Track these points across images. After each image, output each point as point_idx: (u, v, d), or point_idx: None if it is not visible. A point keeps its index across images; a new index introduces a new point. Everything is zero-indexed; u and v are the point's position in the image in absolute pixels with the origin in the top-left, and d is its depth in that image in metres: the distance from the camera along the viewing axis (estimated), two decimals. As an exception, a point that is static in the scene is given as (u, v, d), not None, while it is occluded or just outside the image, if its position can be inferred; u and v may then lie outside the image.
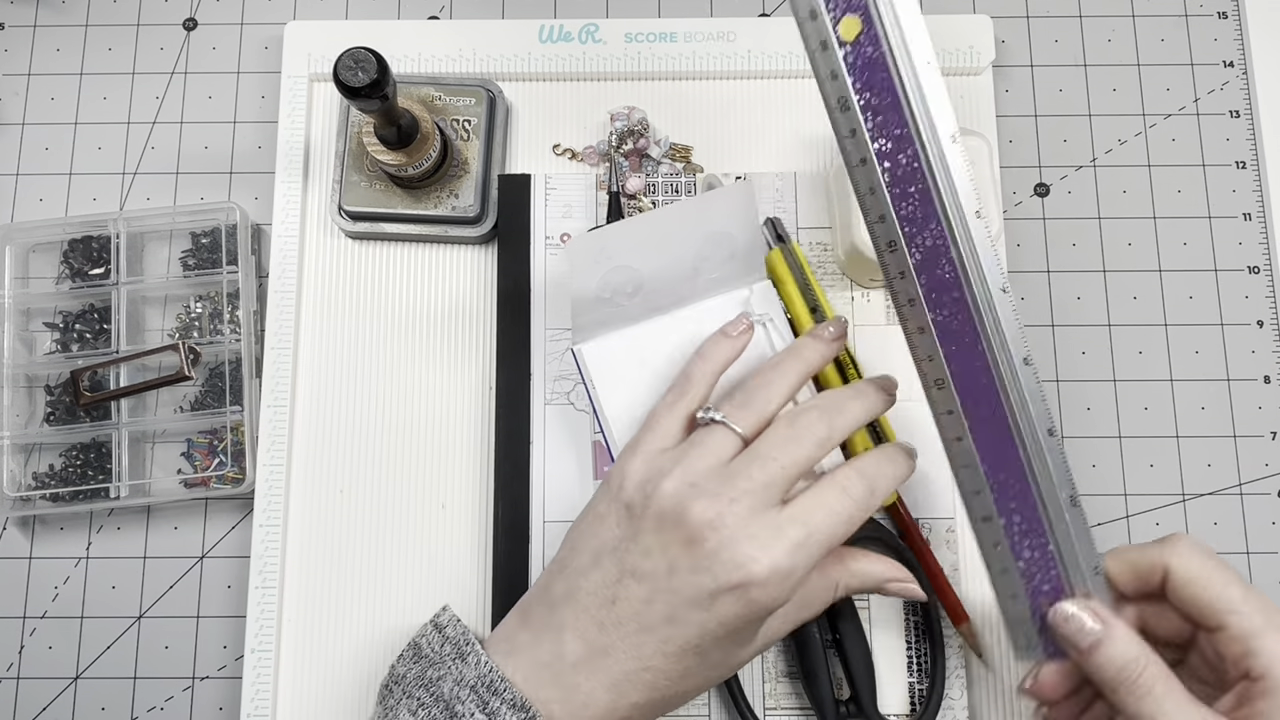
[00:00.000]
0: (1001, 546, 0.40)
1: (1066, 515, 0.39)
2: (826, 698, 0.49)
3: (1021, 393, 0.39)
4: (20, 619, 0.54)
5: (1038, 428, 0.39)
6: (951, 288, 0.39)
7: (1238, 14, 0.61)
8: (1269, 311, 0.57)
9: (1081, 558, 0.39)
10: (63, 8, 0.62)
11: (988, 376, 0.39)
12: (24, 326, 0.57)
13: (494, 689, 0.37)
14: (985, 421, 0.39)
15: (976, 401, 0.39)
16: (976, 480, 0.40)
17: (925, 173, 0.38)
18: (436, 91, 0.56)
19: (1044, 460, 0.39)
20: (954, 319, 0.39)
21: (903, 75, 0.38)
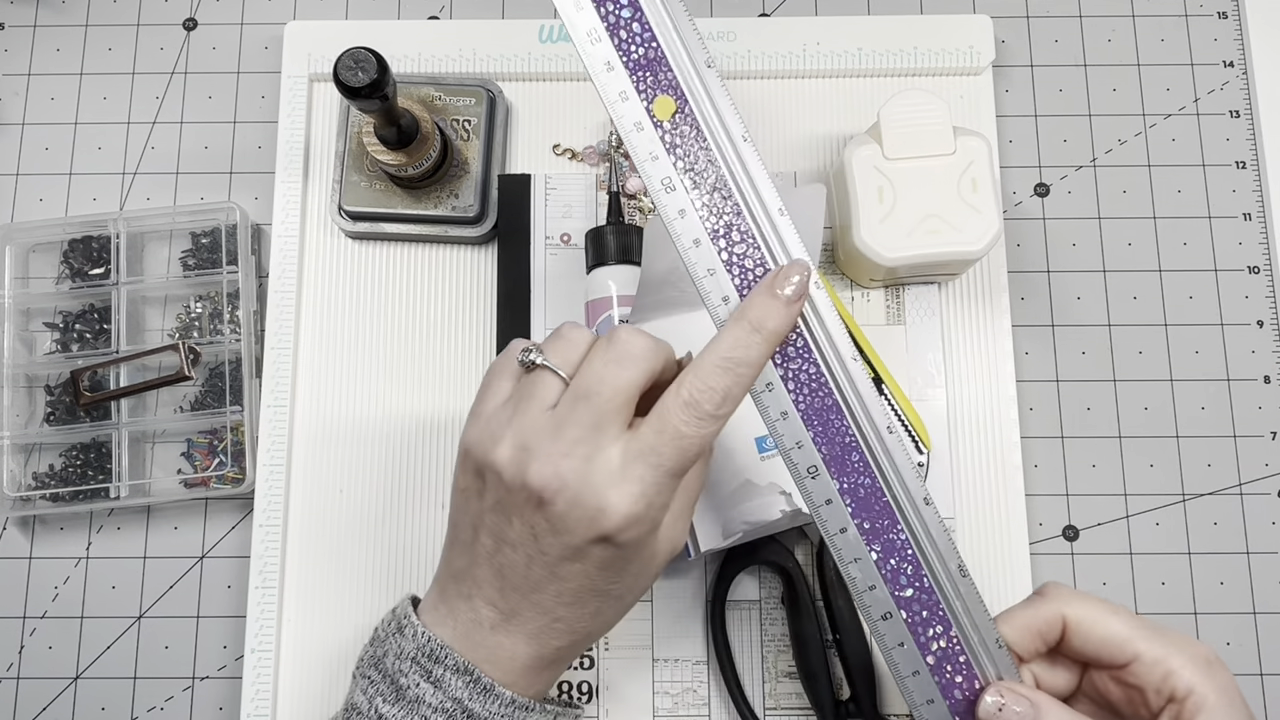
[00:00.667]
0: (907, 645, 0.37)
1: (961, 589, 0.37)
2: (826, 698, 0.49)
3: (892, 461, 0.37)
4: (20, 619, 0.54)
5: (914, 496, 0.37)
6: (805, 356, 0.37)
7: (1238, 14, 0.61)
8: (1269, 311, 0.57)
9: (984, 633, 0.37)
10: (63, 8, 0.62)
11: (859, 454, 0.37)
12: (24, 326, 0.57)
13: (435, 657, 0.38)
14: (864, 503, 0.37)
15: (850, 479, 0.37)
16: (869, 574, 0.37)
17: (762, 247, 0.37)
18: (436, 91, 0.56)
19: (928, 533, 0.37)
20: (813, 392, 0.37)
21: (724, 151, 0.37)
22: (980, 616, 0.37)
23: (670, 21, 0.37)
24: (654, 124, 0.37)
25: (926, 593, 0.37)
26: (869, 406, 0.37)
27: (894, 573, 0.37)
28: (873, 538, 0.37)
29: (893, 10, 0.61)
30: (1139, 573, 0.54)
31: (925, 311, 0.55)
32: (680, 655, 0.52)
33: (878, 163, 0.51)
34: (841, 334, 0.37)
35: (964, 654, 0.37)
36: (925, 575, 0.37)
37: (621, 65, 0.37)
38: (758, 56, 0.58)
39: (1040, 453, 0.55)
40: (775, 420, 0.37)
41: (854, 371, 0.37)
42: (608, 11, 0.37)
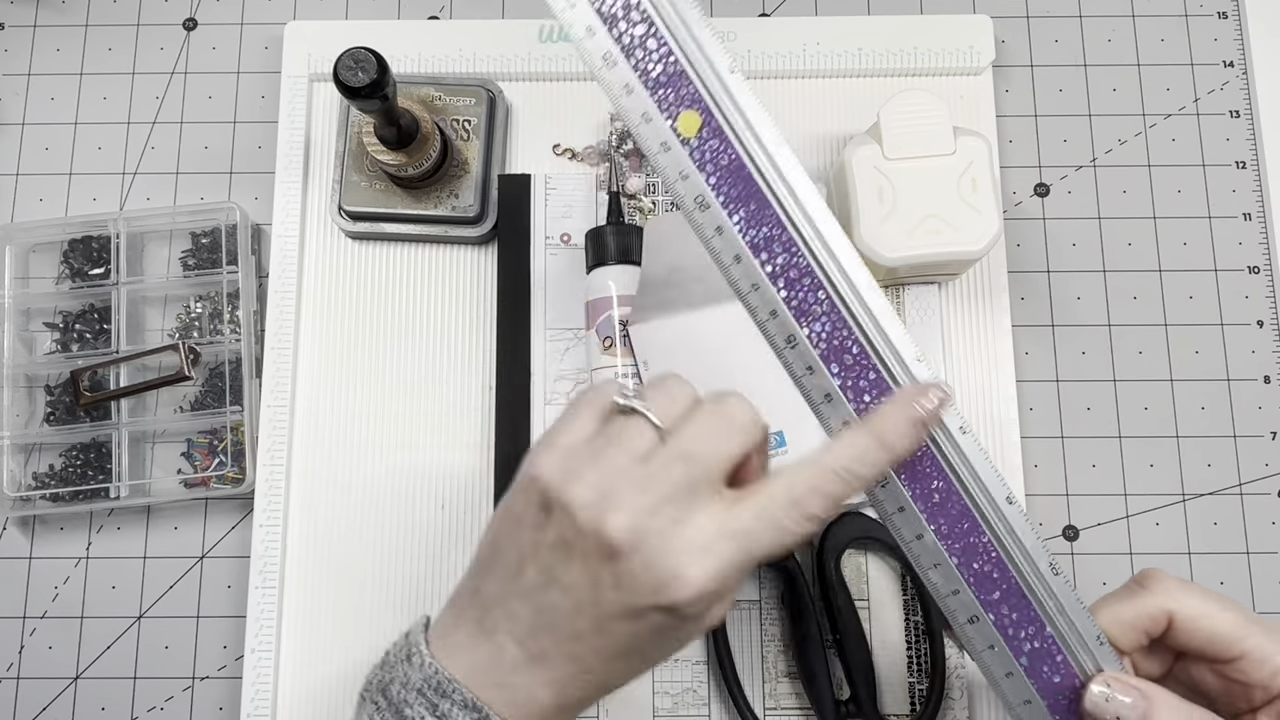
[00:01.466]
0: (998, 647, 0.36)
1: (1054, 588, 0.36)
2: (826, 698, 0.49)
3: (965, 460, 0.36)
4: (20, 619, 0.54)
5: (995, 496, 0.36)
6: (864, 368, 0.36)
7: (1238, 14, 0.61)
8: (1269, 311, 0.57)
9: (1082, 630, 0.36)
10: (63, 8, 0.62)
11: (929, 458, 0.36)
12: (24, 326, 0.57)
13: (441, 690, 0.36)
14: (939, 507, 0.36)
15: (922, 485, 0.36)
16: (951, 578, 0.36)
17: (810, 261, 0.36)
18: (436, 91, 0.56)
19: (1013, 533, 0.36)
20: (878, 401, 0.36)
21: (757, 161, 0.36)
22: (1078, 614, 0.36)
23: (687, 29, 0.36)
24: (681, 142, 0.36)
25: (1015, 594, 0.36)
26: None
27: (978, 576, 0.36)
28: (952, 542, 0.36)
29: (893, 10, 0.61)
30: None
31: (925, 311, 0.55)
32: (680, 655, 0.52)
33: (878, 163, 0.51)
34: (901, 334, 0.36)
35: (1060, 653, 0.36)
36: (1013, 576, 0.36)
37: (641, 85, 0.35)
38: (758, 56, 0.58)
39: (1040, 453, 0.55)
40: (838, 429, 0.36)
41: (917, 373, 0.36)
42: (621, 32, 0.35)
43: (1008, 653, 0.36)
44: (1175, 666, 0.38)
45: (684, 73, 0.36)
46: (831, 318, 0.36)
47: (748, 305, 0.36)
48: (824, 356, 0.36)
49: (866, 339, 0.36)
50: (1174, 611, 0.36)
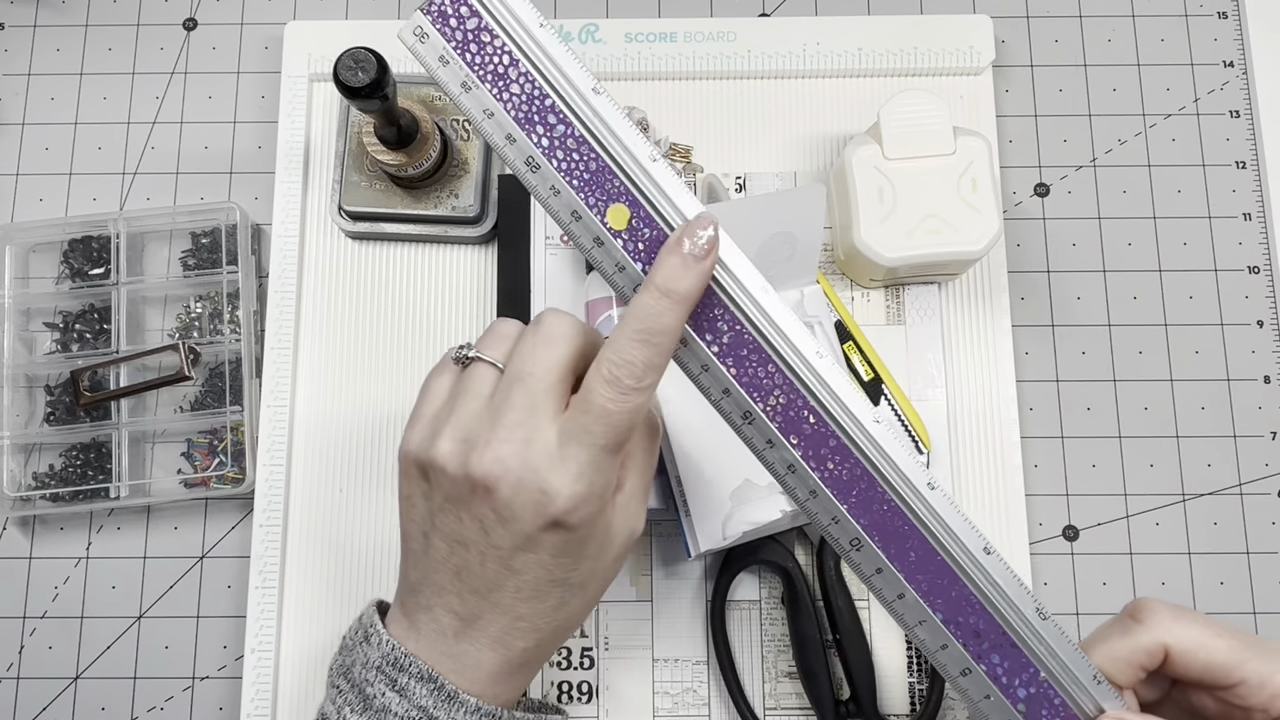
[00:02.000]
0: (994, 696, 0.36)
1: (1043, 633, 0.36)
2: (826, 698, 0.49)
3: (937, 516, 0.36)
4: (20, 619, 0.54)
5: (971, 549, 0.36)
6: (823, 435, 0.36)
7: (1238, 14, 0.61)
8: (1269, 311, 0.57)
9: (1077, 671, 0.36)
10: (63, 8, 0.62)
11: (901, 519, 0.36)
12: (24, 326, 0.57)
13: (399, 665, 0.37)
14: (918, 565, 0.36)
15: (898, 545, 0.36)
16: (938, 634, 0.36)
17: (754, 335, 0.36)
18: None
19: (994, 584, 0.36)
20: (841, 463, 0.36)
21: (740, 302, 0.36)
22: (1071, 656, 0.36)
23: (605, 126, 0.36)
24: (613, 235, 0.36)
25: (1004, 643, 0.36)
26: (903, 469, 0.36)
27: (964, 629, 0.36)
28: (934, 598, 0.36)
29: (893, 10, 0.61)
30: (1139, 573, 0.54)
31: (925, 311, 0.55)
32: (680, 655, 0.52)
33: (878, 163, 0.51)
34: (856, 397, 0.36)
35: (1058, 696, 0.36)
36: (999, 626, 0.36)
37: (567, 186, 0.36)
38: (758, 56, 0.58)
39: (1040, 453, 0.55)
40: (805, 500, 0.37)
41: (877, 434, 0.36)
42: (541, 135, 0.36)
43: (1004, 701, 0.36)
44: (1173, 691, 0.38)
45: (607, 168, 0.36)
46: (785, 390, 0.36)
47: (700, 387, 0.37)
48: (782, 429, 0.36)
49: (822, 407, 0.36)
50: (1169, 645, 0.36)
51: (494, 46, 0.36)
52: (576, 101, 0.36)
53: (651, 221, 0.36)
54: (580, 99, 0.36)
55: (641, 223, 0.36)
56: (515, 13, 0.36)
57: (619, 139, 0.36)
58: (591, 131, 0.36)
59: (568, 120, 0.36)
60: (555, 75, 0.36)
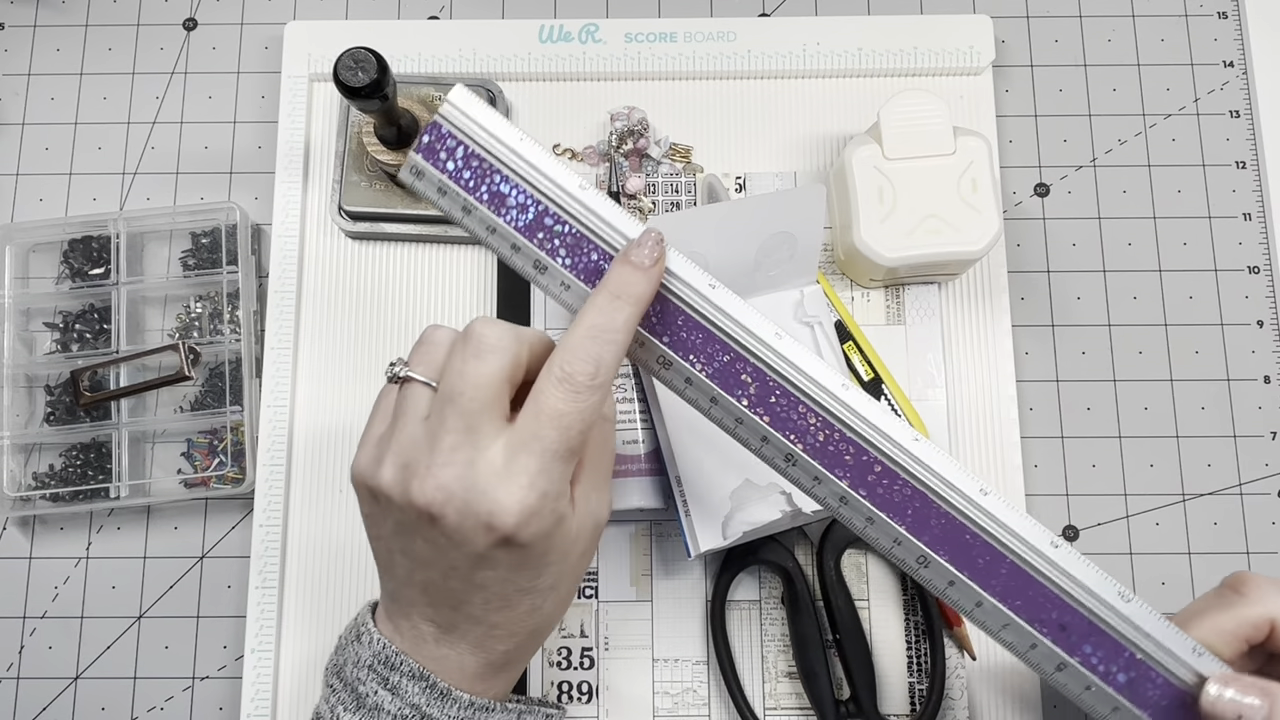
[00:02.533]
0: (1094, 687, 0.36)
1: (1129, 614, 0.36)
2: (826, 698, 0.49)
3: (997, 521, 0.36)
4: (20, 619, 0.54)
5: (1038, 546, 0.36)
6: (871, 465, 0.37)
7: (1238, 14, 0.61)
8: (1269, 311, 0.57)
9: (1173, 646, 0.36)
10: (63, 8, 0.62)
11: (961, 529, 0.36)
12: (24, 326, 0.57)
13: (390, 664, 0.37)
14: (987, 571, 0.36)
15: (965, 555, 0.36)
16: (1023, 635, 0.36)
17: (778, 381, 0.38)
18: (436, 91, 0.56)
19: (1069, 575, 0.36)
20: (891, 490, 0.37)
21: (693, 305, 0.38)
22: (1164, 633, 0.36)
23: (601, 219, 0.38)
24: None
25: (1091, 631, 0.36)
26: (952, 481, 0.37)
27: (1047, 625, 0.36)
28: (1011, 599, 0.36)
29: (893, 10, 0.61)
30: (1139, 572, 0.54)
31: (925, 311, 0.55)
32: (680, 655, 0.52)
33: (878, 163, 0.51)
34: (890, 421, 0.37)
35: (1157, 674, 0.36)
36: (1083, 615, 0.36)
37: (575, 279, 0.39)
38: (758, 56, 0.58)
39: (1040, 453, 0.55)
40: (864, 528, 0.37)
41: (920, 453, 0.37)
42: (542, 239, 0.39)
43: (1105, 688, 0.36)
44: (1266, 665, 0.37)
45: (605, 255, 0.38)
46: (821, 427, 0.37)
47: (738, 438, 0.39)
48: (826, 465, 0.37)
49: (860, 436, 0.37)
50: (1276, 620, 0.35)
51: (485, 167, 0.39)
52: (567, 200, 0.38)
53: (661, 297, 0.38)
54: (570, 197, 0.38)
55: (653, 301, 0.38)
56: (496, 134, 0.38)
57: (610, 224, 0.38)
58: (587, 226, 0.38)
59: (560, 219, 0.38)
60: (543, 182, 0.38)
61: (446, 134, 0.39)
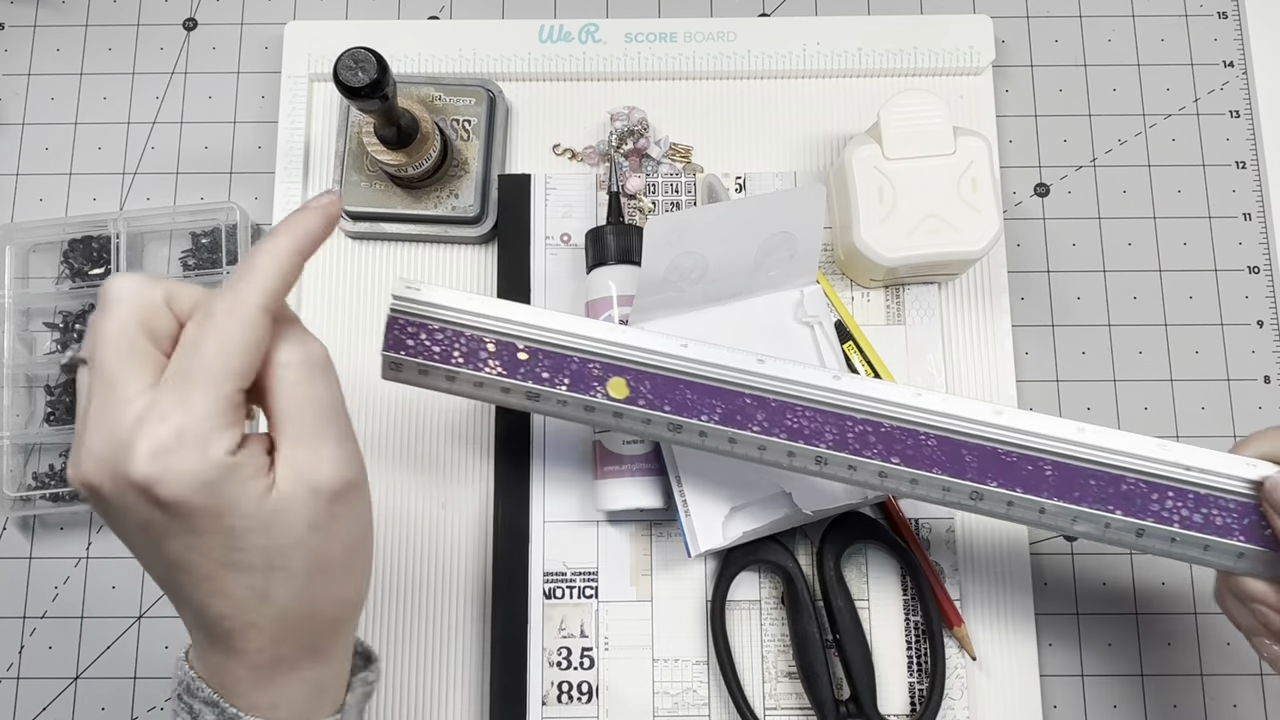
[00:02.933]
0: (1178, 537, 0.39)
1: (1175, 458, 0.39)
2: (826, 698, 0.49)
3: (1021, 432, 0.40)
4: (20, 619, 0.54)
5: (1065, 436, 0.39)
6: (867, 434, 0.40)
7: (1238, 14, 0.61)
8: (1269, 311, 0.57)
9: (1228, 469, 0.39)
10: (63, 8, 0.62)
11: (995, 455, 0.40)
12: (24, 326, 0.57)
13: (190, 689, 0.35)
14: (1036, 479, 0.39)
15: (1009, 476, 0.39)
16: (1095, 521, 0.39)
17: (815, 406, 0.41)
18: (436, 91, 0.56)
19: (1107, 449, 0.39)
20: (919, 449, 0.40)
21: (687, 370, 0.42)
22: (1216, 461, 0.39)
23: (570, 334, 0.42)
24: (625, 401, 0.42)
25: (1150, 489, 0.39)
26: (967, 416, 0.40)
27: (1111, 499, 0.39)
28: (1067, 494, 0.39)
29: (893, 10, 0.61)
30: (1139, 572, 0.54)
31: (925, 311, 0.55)
32: (680, 655, 0.52)
33: (878, 163, 0.51)
34: (895, 390, 0.41)
35: (1227, 499, 0.39)
36: (1134, 479, 0.39)
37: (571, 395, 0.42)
38: (758, 56, 0.58)
39: (1040, 453, 0.55)
40: (910, 491, 0.40)
41: (927, 404, 0.40)
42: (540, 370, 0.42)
43: (1187, 534, 0.39)
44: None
45: (586, 362, 0.42)
46: (836, 423, 0.41)
47: (768, 463, 0.42)
48: (856, 453, 0.41)
49: (875, 417, 0.41)
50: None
51: (449, 335, 0.42)
52: (532, 330, 0.42)
53: (648, 374, 0.42)
54: (532, 327, 0.42)
55: (642, 380, 0.42)
56: (444, 303, 0.42)
57: (577, 334, 0.42)
58: (555, 344, 0.42)
59: (533, 350, 0.42)
60: (503, 324, 0.42)
61: (404, 324, 0.42)
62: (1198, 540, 0.39)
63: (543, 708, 0.51)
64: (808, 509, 0.47)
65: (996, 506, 0.39)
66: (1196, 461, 0.39)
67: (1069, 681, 0.53)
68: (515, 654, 0.51)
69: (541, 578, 0.52)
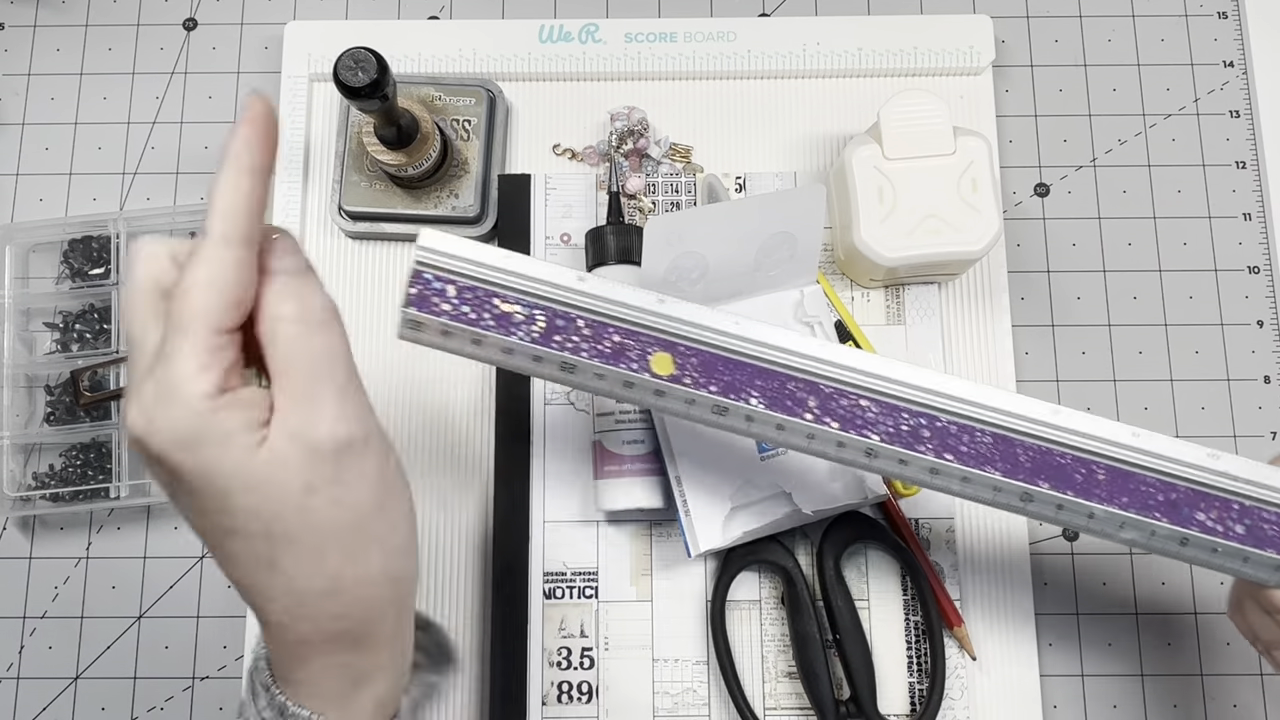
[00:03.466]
0: (1220, 548, 0.38)
1: (1224, 469, 0.38)
2: (826, 698, 0.49)
3: (1076, 433, 0.39)
4: (20, 619, 0.54)
5: (1120, 440, 0.39)
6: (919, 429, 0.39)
7: (1238, 14, 0.61)
8: (1269, 311, 0.57)
9: (1274, 481, 0.38)
10: (63, 8, 0.62)
11: (1048, 455, 0.39)
12: (24, 326, 0.57)
13: (260, 679, 0.35)
14: (1089, 483, 0.38)
15: (1060, 478, 0.38)
16: (1142, 528, 0.38)
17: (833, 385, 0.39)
18: (436, 91, 0.56)
19: (1158, 455, 0.38)
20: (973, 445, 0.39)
21: (731, 346, 0.39)
22: (1262, 474, 0.38)
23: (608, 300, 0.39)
24: (669, 380, 0.39)
25: (1198, 499, 0.38)
26: (1023, 413, 0.39)
27: (1159, 507, 0.38)
28: (1116, 499, 0.38)
29: (893, 10, 0.61)
30: (1139, 573, 0.54)
31: (925, 311, 0.55)
32: (680, 655, 0.52)
33: (878, 163, 0.51)
34: (951, 382, 0.39)
35: (1270, 511, 0.38)
36: (1183, 487, 0.38)
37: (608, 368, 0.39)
38: (758, 56, 0.58)
39: (1040, 453, 0.55)
40: (961, 490, 0.39)
41: (981, 398, 0.39)
42: (561, 340, 0.38)
43: (1229, 545, 0.38)
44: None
45: (629, 331, 0.39)
46: (891, 414, 0.39)
47: (814, 453, 0.39)
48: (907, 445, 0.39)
49: (927, 410, 0.39)
50: None
51: (482, 295, 0.38)
52: (571, 295, 0.39)
53: (696, 350, 0.39)
54: (568, 292, 0.39)
55: (689, 357, 0.39)
56: (480, 259, 0.38)
57: (623, 304, 0.39)
58: (597, 312, 0.38)
59: (570, 316, 0.38)
60: (542, 287, 0.38)
61: (431, 278, 0.38)
62: (1238, 552, 0.38)
63: (543, 708, 0.51)
64: (808, 509, 0.47)
65: (1046, 509, 0.38)
66: (1245, 473, 0.38)
67: (1069, 681, 0.53)
68: (515, 654, 0.51)
69: (541, 578, 0.52)
